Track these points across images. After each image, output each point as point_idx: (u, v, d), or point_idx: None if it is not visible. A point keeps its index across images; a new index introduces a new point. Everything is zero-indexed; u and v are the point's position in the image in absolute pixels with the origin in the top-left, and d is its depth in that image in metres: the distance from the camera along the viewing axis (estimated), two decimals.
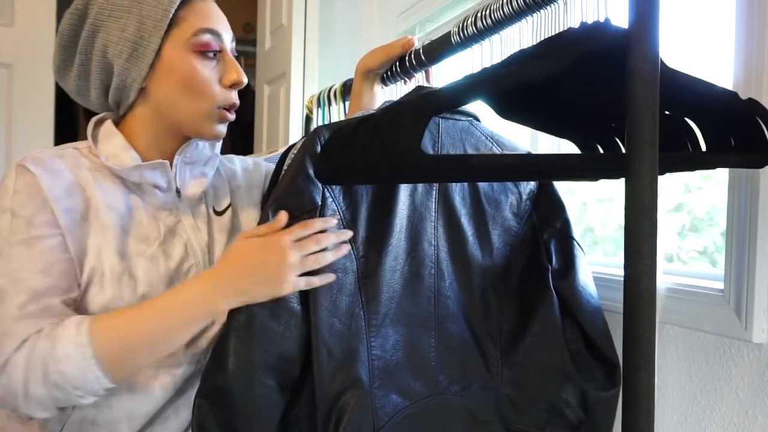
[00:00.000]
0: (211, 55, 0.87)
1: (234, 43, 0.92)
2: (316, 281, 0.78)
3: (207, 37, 0.86)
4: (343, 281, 0.83)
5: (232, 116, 0.90)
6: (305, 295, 0.81)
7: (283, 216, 0.78)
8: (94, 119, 0.90)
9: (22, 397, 0.75)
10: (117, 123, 0.91)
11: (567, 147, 0.93)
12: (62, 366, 0.74)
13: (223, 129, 0.90)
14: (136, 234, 0.86)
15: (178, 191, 0.91)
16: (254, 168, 1.05)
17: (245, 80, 0.89)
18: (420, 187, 0.90)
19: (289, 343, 0.80)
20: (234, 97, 0.89)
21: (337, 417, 0.81)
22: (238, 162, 1.04)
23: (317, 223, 0.79)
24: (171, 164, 0.89)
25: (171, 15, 0.84)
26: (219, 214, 0.96)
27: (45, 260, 0.78)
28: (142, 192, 0.88)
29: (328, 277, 0.79)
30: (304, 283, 0.78)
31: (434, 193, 0.92)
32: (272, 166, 1.06)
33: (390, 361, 0.87)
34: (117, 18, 0.85)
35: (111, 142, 0.87)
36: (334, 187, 0.84)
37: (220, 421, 0.79)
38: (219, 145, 0.96)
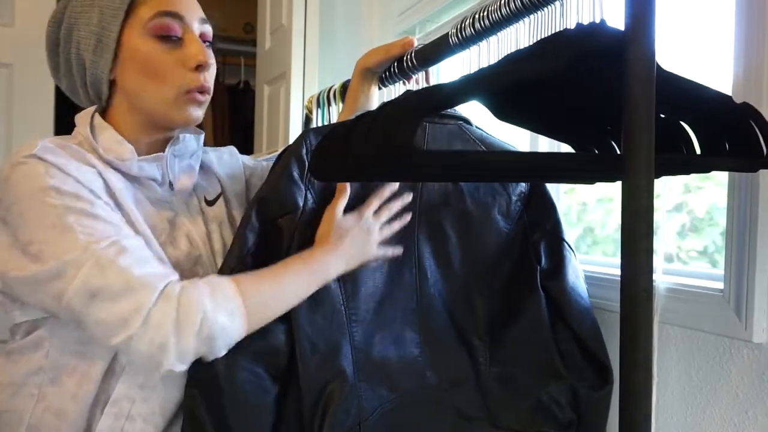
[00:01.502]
0: (172, 38, 0.85)
1: (206, 26, 0.90)
2: (389, 252, 0.91)
3: (164, 20, 0.85)
4: None
5: (203, 98, 0.87)
6: None
7: (345, 187, 0.88)
8: (87, 112, 0.90)
9: (173, 351, 0.73)
10: (102, 117, 0.91)
11: (567, 149, 0.93)
12: (219, 317, 0.75)
13: (196, 112, 0.87)
14: (146, 225, 0.85)
15: (170, 185, 0.91)
16: (230, 158, 1.06)
17: (210, 60, 0.87)
18: (400, 187, 0.92)
19: (274, 334, 0.83)
20: (201, 78, 0.86)
21: (323, 407, 0.83)
22: (211, 152, 1.04)
23: (386, 192, 0.91)
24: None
25: (129, 1, 0.84)
26: (210, 204, 0.97)
27: (110, 221, 0.78)
28: (141, 185, 0.88)
29: (397, 250, 0.92)
30: (382, 253, 0.90)
31: (416, 194, 0.93)
32: (245, 157, 1.09)
33: (374, 356, 0.89)
34: (85, 13, 0.86)
35: (105, 135, 0.87)
36: (317, 188, 0.86)
37: (210, 409, 0.81)
38: (202, 138, 0.96)
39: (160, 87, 0.85)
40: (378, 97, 1.09)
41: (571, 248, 0.98)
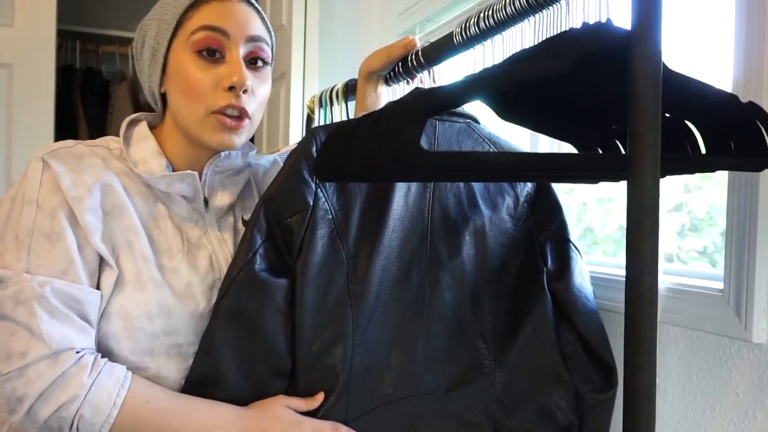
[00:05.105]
0: (211, 53, 0.82)
1: (258, 44, 0.86)
2: None
3: (204, 34, 0.82)
4: (331, 280, 0.85)
5: (234, 123, 0.83)
6: (293, 292, 0.83)
7: (320, 396, 0.85)
8: (127, 119, 0.89)
9: (25, 409, 0.74)
10: (155, 126, 0.91)
11: (567, 149, 0.93)
12: (86, 413, 0.75)
13: (228, 138, 0.84)
14: (160, 245, 0.85)
15: (206, 201, 0.90)
16: (271, 167, 1.04)
17: (245, 82, 0.82)
18: (414, 188, 0.91)
19: (277, 336, 0.83)
20: (231, 98, 0.82)
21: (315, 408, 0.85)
22: (262, 164, 1.03)
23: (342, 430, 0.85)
24: (201, 173, 0.88)
25: (179, 16, 0.83)
26: (247, 223, 0.95)
27: (66, 257, 0.78)
28: (170, 201, 0.87)
29: None
30: None
31: (428, 194, 0.92)
32: None
33: (371, 359, 0.88)
34: (149, 28, 0.87)
35: (142, 146, 0.87)
36: (327, 187, 0.85)
37: None
38: (253, 154, 0.94)
39: (194, 106, 0.83)
40: (386, 96, 1.09)
41: (577, 249, 0.98)
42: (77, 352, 0.76)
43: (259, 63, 0.86)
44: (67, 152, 0.82)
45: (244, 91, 0.83)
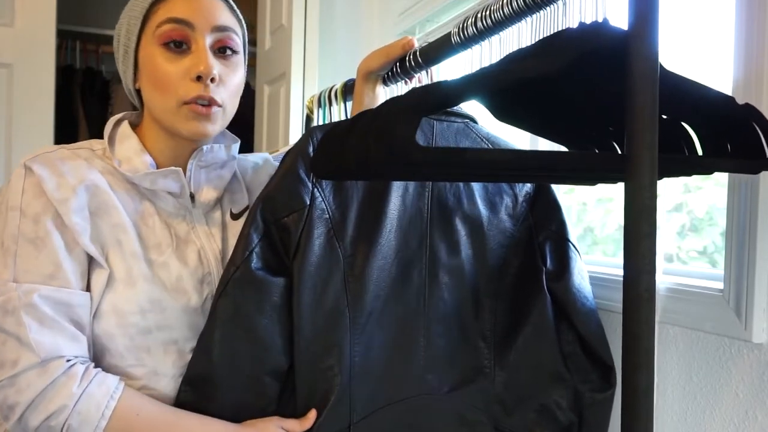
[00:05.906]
0: (177, 45, 0.83)
1: (225, 33, 0.85)
2: None
3: (169, 27, 0.82)
4: (328, 279, 0.85)
5: (206, 110, 0.83)
6: (289, 291, 0.83)
7: (312, 414, 0.84)
8: (112, 119, 0.90)
9: (16, 417, 0.75)
10: (137, 125, 0.91)
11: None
12: (74, 422, 0.75)
13: (201, 126, 0.84)
14: (148, 241, 0.85)
15: (192, 196, 0.90)
16: (263, 165, 1.05)
17: (212, 71, 0.82)
18: (411, 188, 0.91)
19: (273, 336, 0.83)
20: (201, 88, 0.82)
21: (316, 408, 0.85)
22: (250, 160, 1.04)
23: None
24: (185, 168, 0.88)
25: (146, 11, 0.84)
26: (236, 217, 0.94)
27: (53, 262, 0.78)
28: (156, 198, 0.87)
29: None
30: None
31: (427, 194, 0.92)
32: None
33: (373, 359, 0.88)
34: (121, 25, 0.88)
35: (125, 145, 0.87)
36: (324, 186, 0.85)
37: (199, 408, 0.82)
38: (236, 147, 0.94)
39: (165, 98, 0.83)
40: (384, 96, 1.09)
41: (576, 249, 0.98)
42: (68, 361, 0.76)
43: (228, 52, 0.86)
44: (49, 156, 0.82)
45: (212, 80, 0.83)
